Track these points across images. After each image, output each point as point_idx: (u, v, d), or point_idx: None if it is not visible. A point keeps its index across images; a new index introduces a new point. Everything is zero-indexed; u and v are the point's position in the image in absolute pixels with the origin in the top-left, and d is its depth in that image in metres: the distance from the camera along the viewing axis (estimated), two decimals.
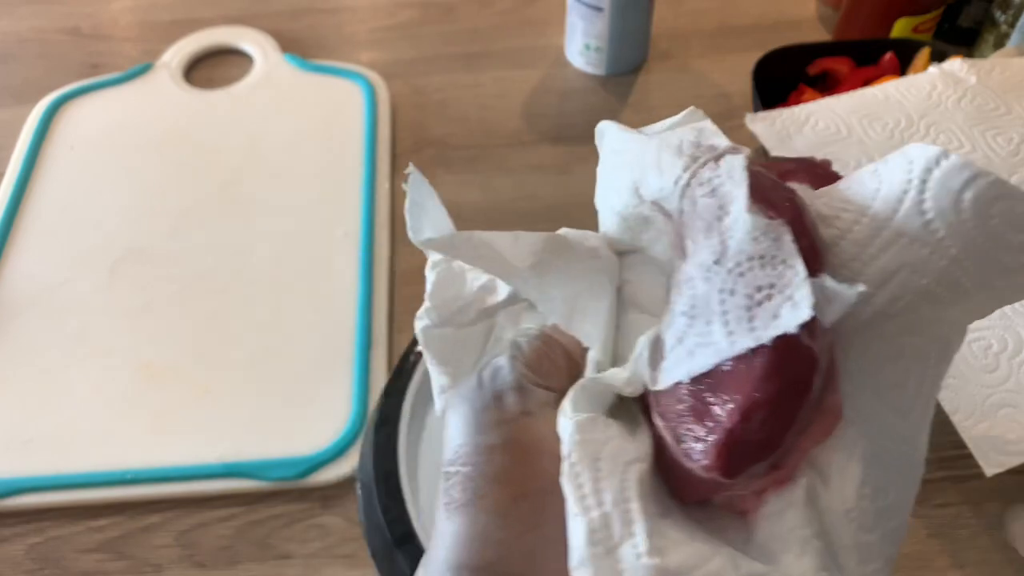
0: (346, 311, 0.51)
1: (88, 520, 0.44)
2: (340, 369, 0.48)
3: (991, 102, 0.51)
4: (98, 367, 0.49)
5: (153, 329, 0.51)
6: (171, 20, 0.72)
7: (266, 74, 0.66)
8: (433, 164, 0.60)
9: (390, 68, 0.66)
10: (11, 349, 0.50)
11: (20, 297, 0.52)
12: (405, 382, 0.36)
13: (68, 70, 0.68)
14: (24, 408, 0.48)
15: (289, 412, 0.47)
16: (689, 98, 0.64)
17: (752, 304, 0.18)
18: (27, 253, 0.55)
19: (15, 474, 0.45)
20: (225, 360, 0.49)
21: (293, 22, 0.71)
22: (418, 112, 0.64)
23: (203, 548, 0.43)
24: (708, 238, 0.19)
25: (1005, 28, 0.60)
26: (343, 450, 0.45)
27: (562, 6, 0.65)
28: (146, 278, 0.53)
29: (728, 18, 0.70)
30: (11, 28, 0.72)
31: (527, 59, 0.67)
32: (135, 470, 0.44)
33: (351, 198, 0.57)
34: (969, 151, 0.49)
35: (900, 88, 0.52)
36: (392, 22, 0.71)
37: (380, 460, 0.34)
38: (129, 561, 0.43)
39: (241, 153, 0.60)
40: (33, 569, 0.43)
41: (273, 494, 0.45)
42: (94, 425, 0.46)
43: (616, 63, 0.65)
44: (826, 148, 0.50)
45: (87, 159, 0.60)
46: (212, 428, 0.46)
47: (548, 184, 0.58)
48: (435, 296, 0.24)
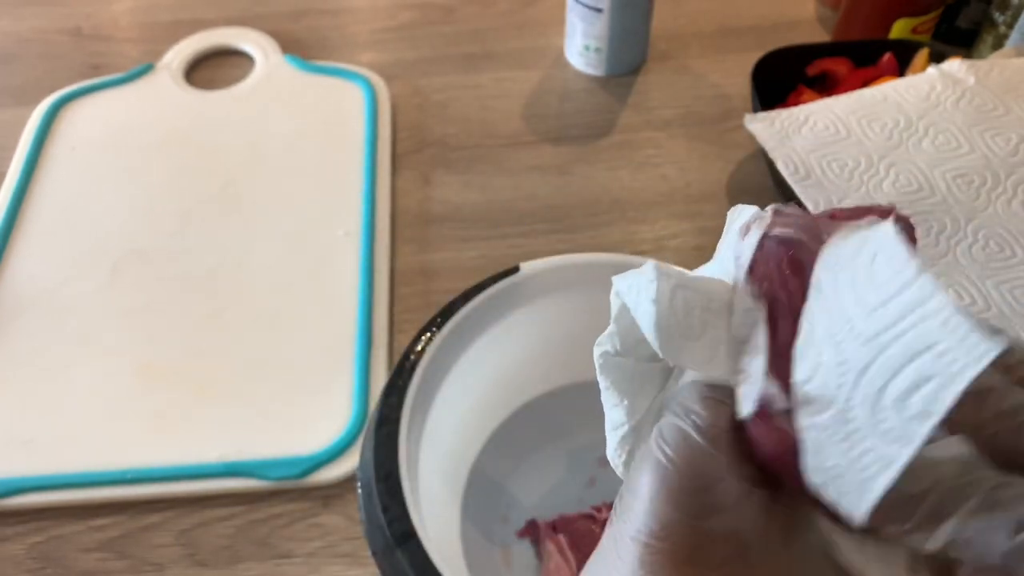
0: (346, 311, 0.51)
1: (89, 519, 0.44)
2: (340, 369, 0.48)
3: (990, 103, 0.51)
4: (98, 367, 0.49)
5: (153, 329, 0.51)
6: (172, 21, 0.72)
7: (267, 75, 0.66)
8: (433, 164, 0.60)
9: (390, 69, 0.67)
10: (11, 349, 0.50)
11: (21, 297, 0.53)
12: (405, 382, 0.36)
13: (69, 71, 0.68)
14: (24, 408, 0.48)
15: (289, 411, 0.47)
16: (689, 99, 0.64)
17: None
18: (28, 253, 0.55)
19: (16, 474, 0.45)
20: (225, 360, 0.49)
21: (294, 23, 0.71)
22: (418, 113, 0.64)
23: (204, 547, 0.43)
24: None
25: (1004, 29, 0.60)
26: (343, 450, 0.45)
27: (562, 6, 0.65)
28: (146, 278, 0.53)
29: (728, 19, 0.70)
30: (12, 28, 0.72)
31: (527, 60, 0.67)
32: (136, 469, 0.44)
33: (352, 198, 0.57)
34: (968, 151, 0.49)
35: (899, 89, 0.53)
36: (393, 23, 0.71)
37: (380, 460, 0.34)
38: (130, 560, 0.43)
39: (242, 154, 0.60)
40: (34, 568, 0.43)
41: (274, 493, 0.45)
42: (94, 425, 0.47)
43: (616, 64, 0.65)
44: (825, 149, 0.50)
45: (88, 160, 0.60)
46: (212, 427, 0.46)
47: (548, 184, 0.59)
48: (621, 320, 0.22)
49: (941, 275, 0.45)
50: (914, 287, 0.16)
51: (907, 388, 0.16)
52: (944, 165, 0.49)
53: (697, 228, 0.56)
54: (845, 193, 0.48)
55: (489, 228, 0.56)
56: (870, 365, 0.16)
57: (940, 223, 0.47)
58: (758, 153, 0.58)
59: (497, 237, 0.55)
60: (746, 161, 0.59)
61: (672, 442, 0.19)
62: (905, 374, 0.16)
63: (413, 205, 0.57)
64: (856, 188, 0.48)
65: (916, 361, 0.16)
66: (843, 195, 0.48)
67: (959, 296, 0.44)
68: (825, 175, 0.49)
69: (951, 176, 0.48)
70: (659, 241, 0.55)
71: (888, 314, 0.16)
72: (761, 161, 0.57)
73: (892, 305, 0.16)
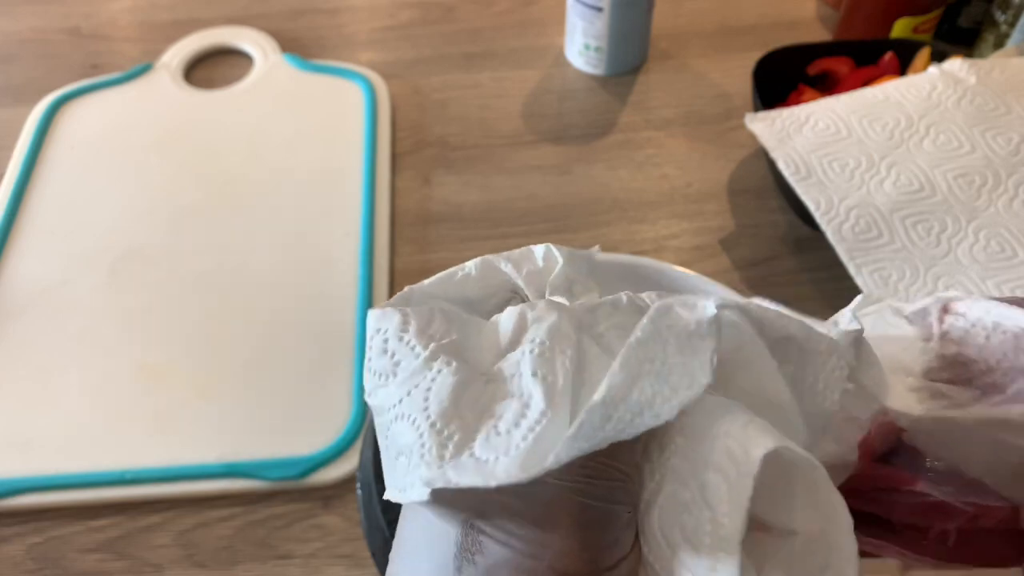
0: (346, 311, 0.51)
1: (88, 520, 0.44)
2: (340, 369, 0.48)
3: (991, 102, 0.51)
4: (98, 367, 0.49)
5: (153, 329, 0.51)
6: (171, 20, 0.72)
7: (266, 74, 0.66)
8: (433, 164, 0.60)
9: (390, 68, 0.66)
10: (11, 349, 0.50)
11: (20, 297, 0.52)
12: None
13: (68, 70, 0.68)
14: (24, 408, 0.47)
15: (289, 412, 0.47)
16: (689, 98, 0.64)
17: None
18: (27, 253, 0.55)
19: (15, 474, 0.45)
20: (225, 360, 0.49)
21: (293, 22, 0.71)
22: (418, 112, 0.64)
23: (203, 548, 0.43)
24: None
25: (1005, 28, 0.60)
26: (343, 450, 0.45)
27: (562, 6, 0.65)
28: (146, 278, 0.53)
29: (728, 18, 0.70)
30: (11, 28, 0.72)
31: (527, 59, 0.67)
32: (135, 470, 0.44)
33: (351, 198, 0.57)
34: (969, 151, 0.49)
35: (900, 88, 0.52)
36: (392, 22, 0.71)
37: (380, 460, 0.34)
38: (129, 561, 0.43)
39: (241, 153, 0.60)
40: (33, 569, 0.43)
41: (273, 494, 0.45)
42: (94, 425, 0.46)
43: (616, 63, 0.65)
44: (826, 148, 0.50)
45: (87, 159, 0.60)
46: (212, 428, 0.46)
47: (548, 184, 0.58)
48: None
49: (943, 275, 0.45)
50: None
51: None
52: (945, 165, 0.49)
53: (697, 228, 0.55)
54: (846, 192, 0.48)
55: (489, 228, 0.56)
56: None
57: (941, 223, 0.47)
58: (759, 152, 0.58)
59: (497, 237, 0.55)
60: (747, 160, 0.59)
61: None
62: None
63: (413, 205, 0.57)
64: (857, 188, 0.48)
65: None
66: (844, 194, 0.48)
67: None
68: (826, 174, 0.49)
69: (952, 176, 0.48)
70: (659, 241, 0.55)
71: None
72: (762, 160, 0.57)
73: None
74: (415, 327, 0.19)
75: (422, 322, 0.20)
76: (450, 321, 0.20)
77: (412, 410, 0.18)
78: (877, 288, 0.45)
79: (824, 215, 0.48)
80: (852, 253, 0.46)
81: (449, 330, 0.20)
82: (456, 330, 0.20)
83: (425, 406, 0.18)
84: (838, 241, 0.47)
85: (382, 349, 0.19)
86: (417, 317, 0.20)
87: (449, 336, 0.19)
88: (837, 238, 0.47)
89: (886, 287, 0.45)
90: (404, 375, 0.19)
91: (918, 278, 0.45)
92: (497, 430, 0.17)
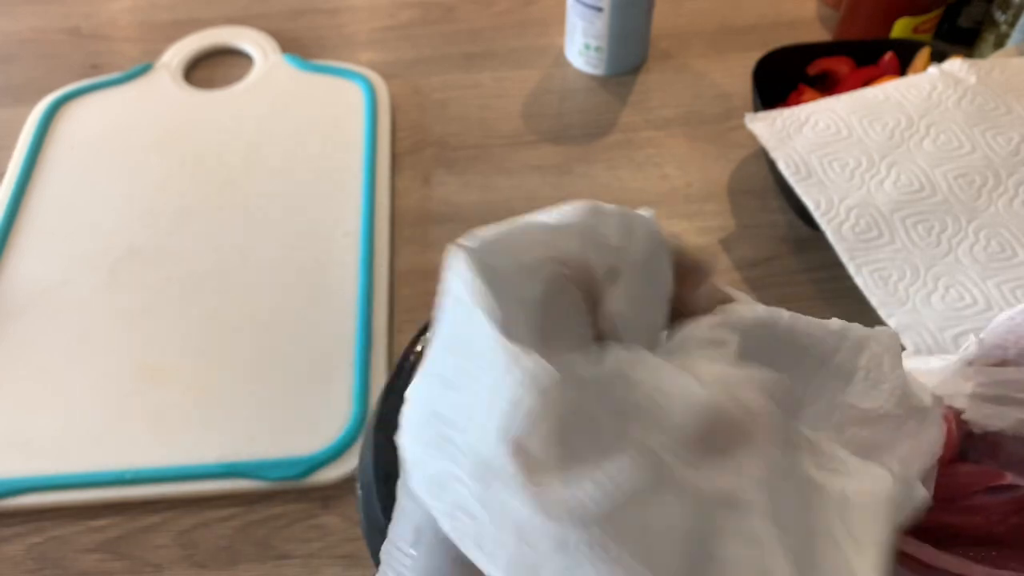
0: (346, 311, 0.51)
1: (88, 520, 0.44)
2: (340, 369, 0.48)
3: (991, 102, 0.51)
4: (98, 367, 0.49)
5: (153, 329, 0.51)
6: (171, 20, 0.72)
7: (266, 74, 0.66)
8: (433, 164, 0.60)
9: (390, 68, 0.66)
10: (11, 349, 0.50)
11: (20, 297, 0.52)
12: (405, 382, 0.36)
13: (68, 70, 0.68)
14: (24, 408, 0.47)
15: (289, 412, 0.47)
16: (689, 98, 0.64)
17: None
18: (27, 253, 0.55)
19: (15, 474, 0.45)
20: (225, 360, 0.49)
21: (293, 22, 0.71)
22: (418, 112, 0.64)
23: (203, 548, 0.43)
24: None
25: (1005, 28, 0.60)
26: (343, 450, 0.45)
27: (562, 6, 0.65)
28: (146, 278, 0.53)
29: (728, 18, 0.70)
30: (11, 28, 0.72)
31: (527, 59, 0.67)
32: (135, 470, 0.44)
33: (351, 198, 0.57)
34: (969, 151, 0.49)
35: (900, 88, 0.52)
36: (392, 22, 0.71)
37: (380, 460, 0.34)
38: (129, 561, 0.43)
39: (241, 153, 0.60)
40: (33, 569, 0.43)
41: (273, 494, 0.45)
42: (94, 425, 0.46)
43: (616, 63, 0.65)
44: (826, 148, 0.50)
45: (87, 159, 0.60)
46: (212, 428, 0.46)
47: (548, 184, 0.58)
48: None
49: (943, 275, 0.45)
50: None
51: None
52: (945, 165, 0.49)
53: (697, 228, 0.55)
54: (846, 192, 0.48)
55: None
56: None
57: (941, 223, 0.47)
58: (759, 152, 0.58)
59: None
60: (747, 161, 0.59)
61: None
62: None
63: (413, 205, 0.57)
64: (857, 188, 0.48)
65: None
66: (844, 194, 0.48)
67: (960, 296, 0.44)
68: (826, 174, 0.49)
69: (952, 176, 0.48)
70: None
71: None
72: (762, 160, 0.57)
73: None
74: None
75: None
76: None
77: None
78: (877, 288, 0.45)
79: (824, 215, 0.48)
80: (852, 253, 0.46)
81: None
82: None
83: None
84: (838, 241, 0.47)
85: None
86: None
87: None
88: (837, 238, 0.47)
89: (886, 287, 0.45)
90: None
91: (918, 278, 0.45)
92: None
